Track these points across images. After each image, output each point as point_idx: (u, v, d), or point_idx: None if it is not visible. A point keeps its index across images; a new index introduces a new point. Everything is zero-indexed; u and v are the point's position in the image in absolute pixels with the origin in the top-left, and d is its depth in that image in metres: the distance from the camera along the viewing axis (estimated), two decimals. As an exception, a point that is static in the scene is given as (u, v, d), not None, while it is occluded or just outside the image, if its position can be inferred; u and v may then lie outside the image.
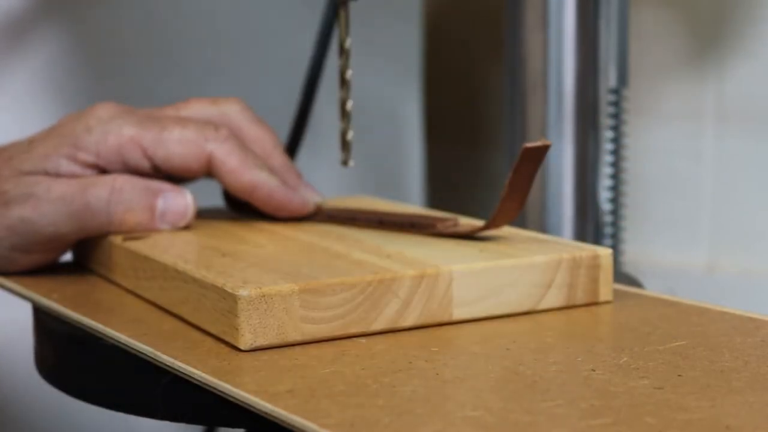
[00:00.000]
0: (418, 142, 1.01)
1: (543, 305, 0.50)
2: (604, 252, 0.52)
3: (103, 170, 0.59)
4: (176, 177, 0.61)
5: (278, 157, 0.62)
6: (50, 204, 0.57)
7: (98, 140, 0.59)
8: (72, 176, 0.58)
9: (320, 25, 0.72)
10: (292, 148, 0.74)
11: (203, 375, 0.43)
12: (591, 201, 0.70)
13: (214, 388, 0.42)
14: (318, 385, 0.41)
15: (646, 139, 0.90)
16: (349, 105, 0.64)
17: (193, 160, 0.59)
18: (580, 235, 0.70)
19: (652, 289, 0.66)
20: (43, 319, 0.54)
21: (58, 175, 0.58)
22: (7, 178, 0.58)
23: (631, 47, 0.73)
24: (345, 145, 0.65)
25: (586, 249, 0.52)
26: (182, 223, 0.59)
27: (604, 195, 0.71)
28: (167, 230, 0.59)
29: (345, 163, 0.66)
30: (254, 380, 0.42)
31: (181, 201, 0.59)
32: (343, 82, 0.64)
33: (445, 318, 0.48)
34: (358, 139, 0.66)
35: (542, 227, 0.70)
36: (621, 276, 0.69)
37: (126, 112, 0.60)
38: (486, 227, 0.54)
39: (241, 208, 0.63)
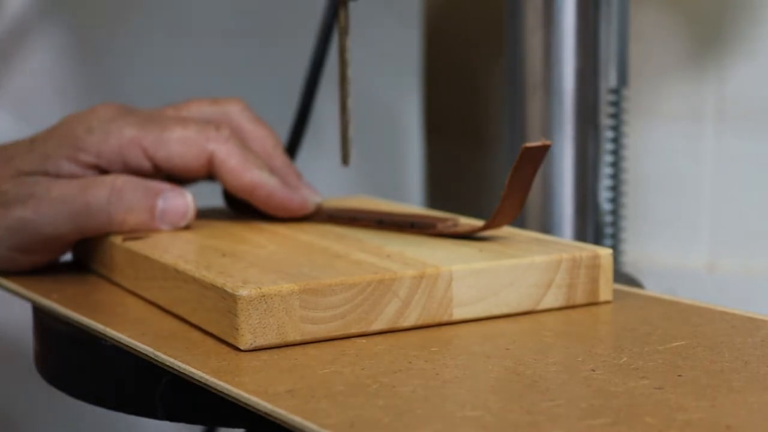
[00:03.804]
0: (418, 142, 1.01)
1: (543, 305, 0.50)
2: (604, 252, 0.52)
3: (103, 171, 0.59)
4: (177, 177, 0.61)
5: (278, 157, 0.62)
6: (50, 204, 0.57)
7: (99, 141, 0.59)
8: (72, 177, 0.58)
9: (320, 25, 0.72)
10: (292, 148, 0.74)
11: (203, 375, 0.43)
12: (591, 201, 0.70)
13: (214, 388, 0.42)
14: (318, 385, 0.41)
15: (646, 139, 0.90)
16: (350, 104, 0.64)
17: (194, 160, 0.59)
18: (580, 235, 0.70)
19: (652, 289, 0.66)
20: (43, 319, 0.54)
21: (58, 175, 0.58)
22: (7, 178, 0.58)
23: (631, 47, 0.73)
24: (345, 145, 0.65)
25: (586, 249, 0.52)
26: (182, 224, 0.59)
27: (604, 195, 0.71)
28: (167, 230, 0.59)
29: (345, 161, 0.66)
30: (254, 380, 0.42)
31: (181, 201, 0.59)
32: (343, 82, 0.64)
33: (445, 318, 0.48)
34: (358, 139, 0.66)
35: (542, 227, 0.70)
36: (621, 276, 0.69)
37: (127, 112, 0.60)
38: (486, 227, 0.54)
39: (241, 208, 0.63)
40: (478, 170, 1.04)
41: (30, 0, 0.82)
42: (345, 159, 0.67)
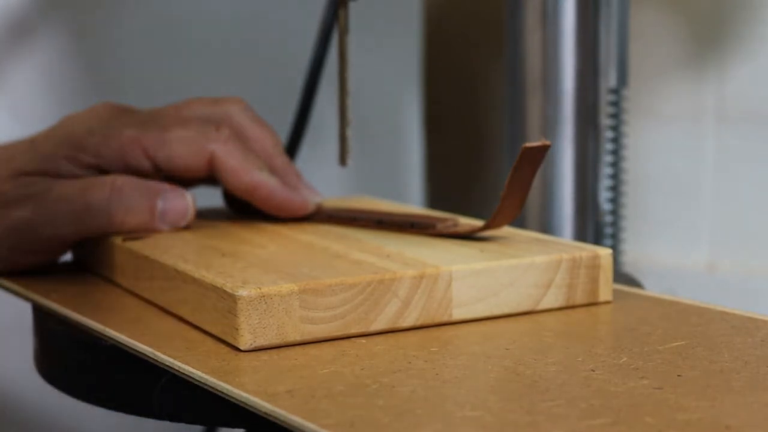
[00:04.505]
0: (418, 142, 1.01)
1: (543, 305, 0.50)
2: (604, 252, 0.52)
3: (103, 171, 0.59)
4: (178, 177, 0.60)
5: (279, 157, 0.62)
6: (50, 205, 0.57)
7: (99, 141, 0.59)
8: (72, 177, 0.58)
9: (320, 25, 0.72)
10: (292, 148, 0.74)
11: (203, 375, 0.43)
12: (591, 201, 0.70)
13: (214, 389, 0.42)
14: (317, 385, 0.41)
15: (646, 139, 0.90)
16: (349, 104, 0.64)
17: (194, 160, 0.59)
18: (580, 235, 0.70)
19: (652, 289, 0.66)
20: (43, 319, 0.54)
21: (58, 175, 0.58)
22: (7, 178, 0.58)
23: (631, 47, 0.73)
24: (343, 145, 0.65)
25: (586, 249, 0.52)
26: (182, 224, 0.59)
27: (604, 195, 0.71)
28: (167, 230, 0.58)
29: (343, 161, 0.66)
30: (254, 380, 0.42)
31: (180, 201, 0.59)
32: (343, 82, 0.64)
33: (445, 318, 0.48)
34: (357, 139, 0.66)
35: (542, 227, 0.70)
36: (621, 276, 0.69)
37: (127, 112, 0.60)
38: (486, 227, 0.54)
39: (241, 209, 0.63)
40: (478, 170, 1.04)
41: (30, 0, 0.82)
42: (343, 159, 0.66)
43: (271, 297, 0.45)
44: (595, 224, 0.71)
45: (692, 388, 0.40)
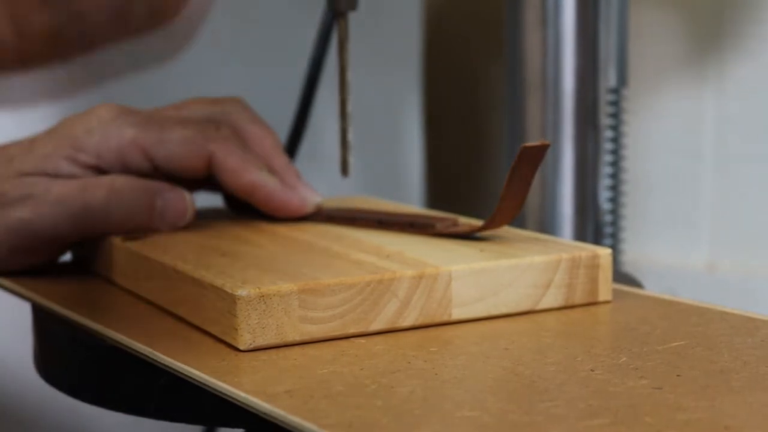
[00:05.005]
0: (418, 142, 1.01)
1: (542, 305, 0.50)
2: (604, 252, 0.52)
3: (103, 171, 0.59)
4: (177, 177, 0.60)
5: (278, 158, 0.62)
6: (49, 205, 0.57)
7: (99, 142, 0.59)
8: (72, 177, 0.58)
9: (320, 25, 0.72)
10: (292, 148, 0.74)
11: (202, 375, 0.43)
12: (591, 201, 0.70)
13: (213, 389, 0.42)
14: (317, 385, 0.41)
15: (645, 139, 0.90)
16: (349, 105, 0.64)
17: (193, 160, 0.59)
18: (580, 235, 0.70)
19: (652, 289, 0.66)
20: (43, 319, 0.54)
21: (57, 176, 0.58)
22: (6, 178, 0.58)
23: (630, 47, 0.73)
24: (344, 154, 0.65)
25: (586, 249, 0.52)
26: (181, 223, 0.59)
27: (603, 195, 0.71)
28: (166, 230, 0.58)
29: (344, 171, 0.66)
30: (253, 380, 0.42)
31: (179, 201, 0.59)
32: (343, 83, 0.64)
33: (444, 318, 0.48)
34: (358, 139, 0.66)
35: (542, 227, 0.70)
36: (620, 276, 0.69)
37: (127, 113, 0.60)
38: (485, 227, 0.54)
39: (240, 209, 0.63)
40: (478, 170, 1.04)
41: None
42: (344, 169, 0.66)
43: (271, 297, 0.45)
44: (594, 224, 0.71)
45: (691, 388, 0.40)
